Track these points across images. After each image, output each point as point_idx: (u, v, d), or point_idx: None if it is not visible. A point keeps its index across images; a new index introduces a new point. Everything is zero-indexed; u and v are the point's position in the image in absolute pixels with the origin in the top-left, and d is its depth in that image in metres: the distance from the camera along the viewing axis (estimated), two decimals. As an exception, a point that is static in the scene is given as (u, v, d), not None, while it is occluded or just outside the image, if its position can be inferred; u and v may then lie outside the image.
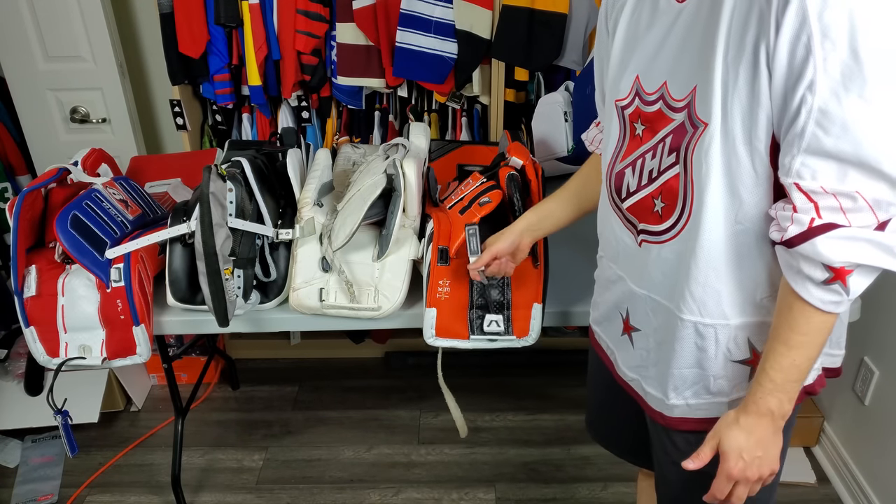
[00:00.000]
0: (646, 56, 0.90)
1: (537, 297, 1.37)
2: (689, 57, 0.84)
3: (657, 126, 0.89)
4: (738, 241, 0.86)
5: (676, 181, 0.87)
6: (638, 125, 0.93)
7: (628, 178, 0.95)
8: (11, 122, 2.26)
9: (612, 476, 2.06)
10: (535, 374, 2.47)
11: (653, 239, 0.94)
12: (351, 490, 2.03)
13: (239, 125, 2.26)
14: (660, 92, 0.88)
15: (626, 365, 1.09)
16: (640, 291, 1.00)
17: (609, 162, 0.99)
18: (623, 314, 1.06)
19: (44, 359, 1.44)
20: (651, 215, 0.93)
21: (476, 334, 1.38)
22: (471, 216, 1.34)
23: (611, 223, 1.03)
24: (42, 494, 2.01)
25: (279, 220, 1.47)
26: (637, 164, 0.93)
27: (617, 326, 1.09)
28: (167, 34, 2.03)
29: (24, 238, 1.39)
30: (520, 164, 1.42)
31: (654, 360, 1.02)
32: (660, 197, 0.91)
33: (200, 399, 2.39)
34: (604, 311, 1.14)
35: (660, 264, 0.94)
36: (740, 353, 0.93)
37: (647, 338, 1.02)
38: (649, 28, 0.90)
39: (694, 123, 0.83)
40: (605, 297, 1.12)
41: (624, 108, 0.95)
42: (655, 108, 0.89)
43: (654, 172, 0.91)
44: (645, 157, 0.92)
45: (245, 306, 1.40)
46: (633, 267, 1.01)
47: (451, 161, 1.85)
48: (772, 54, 0.74)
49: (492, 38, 1.99)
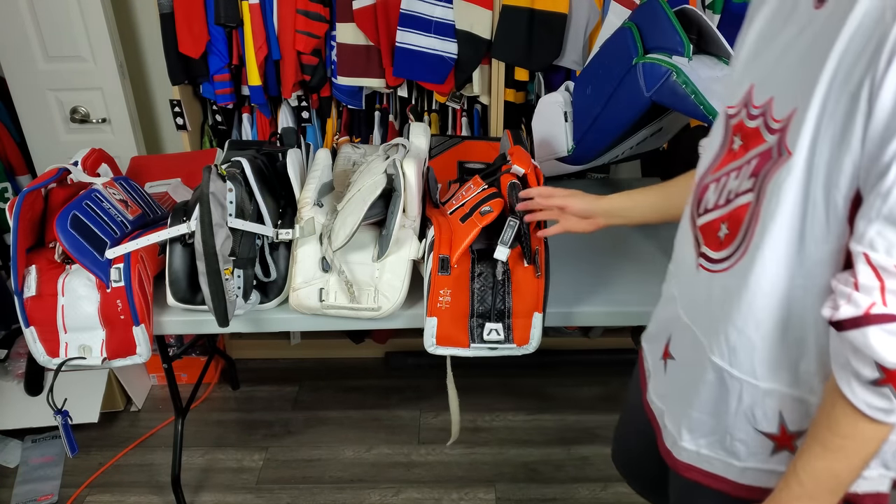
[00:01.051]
0: (765, 65, 0.81)
1: (538, 307, 1.37)
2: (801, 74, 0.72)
3: (750, 144, 0.80)
4: (790, 296, 0.75)
5: (745, 210, 0.78)
6: (737, 139, 0.83)
7: (710, 193, 0.87)
8: (11, 122, 2.26)
9: (612, 476, 2.06)
10: (535, 374, 2.47)
11: (707, 265, 0.86)
12: (351, 490, 2.03)
13: (239, 125, 2.26)
14: (764, 108, 0.78)
15: (656, 391, 1.02)
16: (684, 318, 0.92)
17: (703, 171, 0.91)
18: (666, 338, 0.99)
19: (44, 359, 1.44)
20: (714, 239, 0.85)
21: (476, 343, 1.38)
22: (472, 225, 1.34)
23: (684, 236, 0.94)
24: (42, 494, 2.01)
25: (279, 220, 1.47)
26: (721, 182, 0.85)
27: (659, 349, 1.01)
28: (167, 34, 2.03)
29: (24, 238, 1.39)
30: (521, 172, 1.42)
31: (678, 393, 0.94)
32: (727, 223, 0.82)
33: (200, 399, 2.39)
34: (654, 330, 1.06)
35: (707, 294, 0.86)
36: (766, 424, 0.82)
37: (680, 369, 0.95)
38: (778, 34, 0.79)
39: (780, 150, 0.73)
40: (659, 315, 1.05)
41: (730, 116, 0.86)
42: (755, 125, 0.80)
43: (732, 195, 0.82)
44: (730, 175, 0.83)
45: (245, 306, 1.40)
46: (685, 290, 0.94)
47: (451, 157, 1.85)
48: (876, 92, 0.63)
49: (492, 38, 1.99)
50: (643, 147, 1.85)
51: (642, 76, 1.48)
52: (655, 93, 1.47)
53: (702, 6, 1.90)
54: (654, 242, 1.75)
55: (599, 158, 1.80)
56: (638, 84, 1.49)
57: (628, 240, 1.74)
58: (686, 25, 1.51)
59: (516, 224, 1.29)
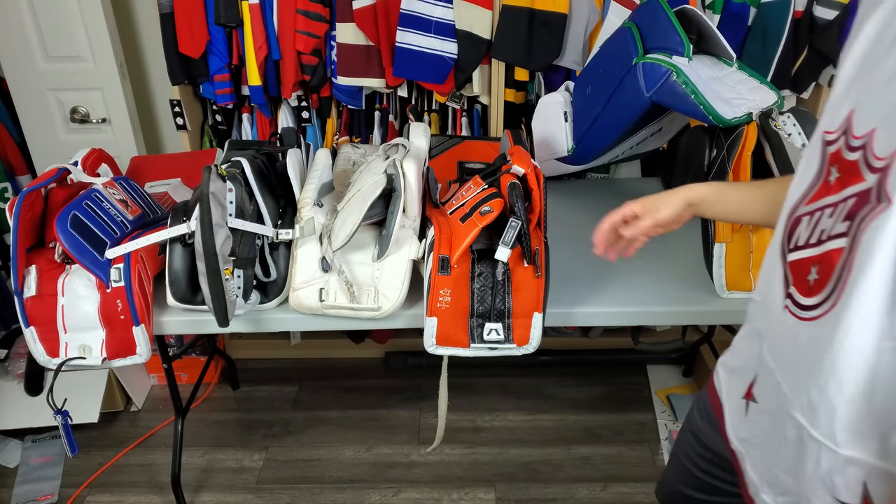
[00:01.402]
0: (869, 90, 0.70)
1: (538, 307, 1.37)
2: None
3: (848, 180, 0.70)
4: (879, 360, 0.66)
5: (837, 256, 0.69)
6: (834, 170, 0.73)
7: (802, 228, 0.77)
8: (11, 122, 2.26)
9: (612, 476, 2.06)
10: (535, 374, 2.47)
11: (795, 310, 0.77)
12: (351, 490, 2.03)
13: (239, 125, 2.26)
14: (865, 140, 0.69)
15: (735, 432, 0.94)
16: (769, 362, 0.83)
17: (796, 200, 0.80)
18: (751, 377, 0.90)
19: (44, 359, 1.44)
20: (803, 282, 0.76)
21: (476, 343, 1.38)
22: (472, 225, 1.34)
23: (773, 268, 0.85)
24: (42, 494, 2.01)
25: (279, 220, 1.47)
26: (815, 217, 0.75)
27: (741, 386, 0.92)
28: (167, 34, 2.03)
29: (24, 238, 1.39)
30: (521, 172, 1.42)
31: (760, 443, 0.87)
32: (817, 266, 0.73)
33: (200, 399, 2.39)
34: (736, 363, 0.97)
35: (793, 342, 0.77)
36: (848, 495, 0.73)
37: (762, 417, 0.86)
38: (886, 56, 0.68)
39: (879, 195, 0.64)
40: (742, 347, 0.95)
41: (828, 143, 0.76)
42: (854, 158, 0.70)
43: (824, 235, 0.72)
44: (824, 211, 0.73)
45: (245, 306, 1.40)
46: (770, 329, 0.85)
47: (451, 157, 1.85)
48: None
49: (492, 38, 1.99)
50: (643, 147, 1.85)
51: (642, 76, 1.48)
52: (655, 93, 1.47)
53: (702, 6, 1.90)
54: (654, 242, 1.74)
55: (599, 158, 1.80)
56: (638, 84, 1.49)
57: (628, 240, 1.74)
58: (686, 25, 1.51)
59: (518, 225, 1.29)
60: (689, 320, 1.70)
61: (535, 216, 1.39)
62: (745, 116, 1.47)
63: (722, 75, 1.56)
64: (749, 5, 1.90)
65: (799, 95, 2.07)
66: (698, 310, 1.52)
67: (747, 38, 1.95)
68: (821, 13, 1.91)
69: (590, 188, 2.12)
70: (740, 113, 1.47)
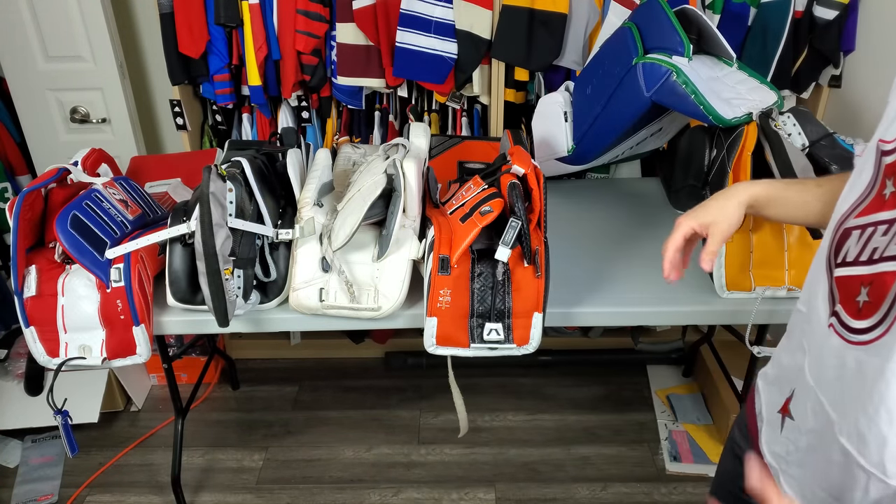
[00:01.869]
0: None
1: (538, 307, 1.37)
2: None
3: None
4: None
5: (893, 279, 0.66)
6: (890, 183, 0.70)
7: (851, 242, 0.73)
8: (11, 122, 2.26)
9: (612, 476, 2.06)
10: (535, 374, 2.47)
11: (841, 331, 0.74)
12: (351, 490, 2.03)
13: (239, 125, 2.26)
14: None
15: (769, 447, 0.91)
16: (809, 380, 0.80)
17: (844, 212, 0.77)
18: (788, 391, 0.86)
19: (44, 359, 1.44)
20: (852, 303, 0.72)
21: (476, 343, 1.38)
22: (472, 225, 1.34)
23: (819, 279, 0.81)
24: (42, 494, 2.01)
25: (279, 220, 1.47)
26: (866, 232, 0.71)
27: (778, 399, 0.89)
28: (167, 34, 2.03)
29: (24, 238, 1.39)
30: (521, 172, 1.42)
31: (800, 461, 0.83)
32: (868, 287, 0.69)
33: (200, 399, 2.39)
34: (774, 374, 0.94)
35: (839, 364, 0.74)
36: None
37: (799, 434, 0.83)
38: None
39: None
40: (782, 359, 0.92)
41: (885, 153, 0.71)
42: None
43: (878, 254, 0.68)
44: (878, 227, 0.70)
45: (245, 306, 1.40)
46: (813, 346, 0.81)
47: (451, 157, 1.85)
48: None
49: (492, 38, 1.99)
50: (643, 147, 1.85)
51: (642, 76, 1.48)
52: (655, 93, 1.47)
53: (702, 6, 1.90)
54: (654, 242, 1.75)
55: (599, 158, 1.80)
56: (638, 84, 1.49)
57: (628, 240, 1.74)
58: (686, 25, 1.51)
59: (518, 225, 1.29)
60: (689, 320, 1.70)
61: (535, 216, 1.39)
62: (745, 116, 1.47)
63: (722, 75, 1.56)
64: (749, 5, 1.90)
65: (799, 95, 2.07)
66: (698, 310, 1.52)
67: (747, 38, 1.95)
68: (821, 13, 1.91)
69: (590, 188, 2.12)
70: (740, 113, 1.47)
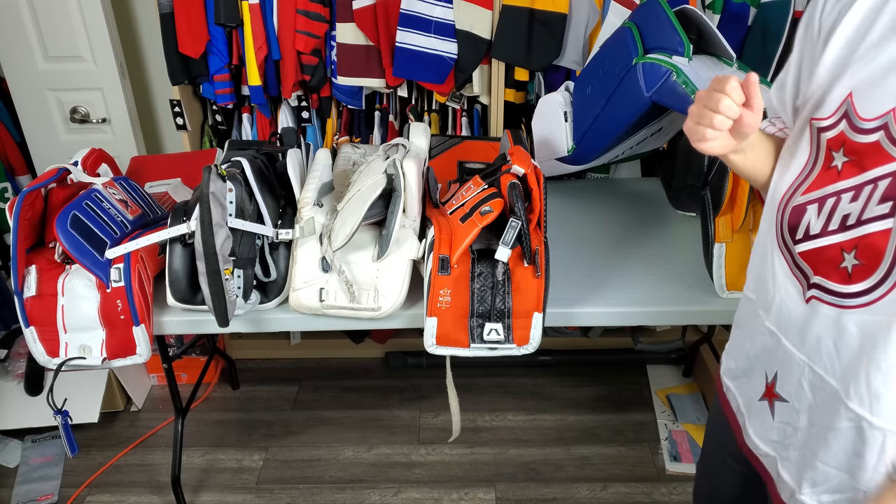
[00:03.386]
0: (871, 71, 0.72)
1: (538, 307, 1.37)
2: None
3: (868, 163, 0.72)
4: None
5: (885, 238, 0.70)
6: (838, 155, 0.75)
7: (810, 216, 0.78)
8: (11, 122, 2.26)
9: (612, 476, 2.06)
10: (535, 374, 2.47)
11: (831, 300, 0.77)
12: (351, 490, 2.03)
13: (239, 125, 2.26)
14: (883, 120, 0.70)
15: (761, 437, 0.93)
16: (798, 356, 0.83)
17: (785, 191, 0.81)
18: (768, 376, 0.89)
19: (44, 359, 1.44)
20: (835, 271, 0.76)
21: (476, 343, 1.38)
22: (472, 225, 1.34)
23: (772, 264, 0.85)
24: (42, 494, 2.01)
25: (279, 220, 1.47)
26: (827, 203, 0.76)
27: (756, 388, 0.92)
28: (167, 34, 2.03)
29: (24, 238, 1.39)
30: (521, 172, 1.42)
31: (799, 442, 0.86)
32: (854, 252, 0.74)
33: (200, 399, 2.39)
34: (742, 366, 0.97)
35: (834, 332, 0.77)
36: None
37: (796, 414, 0.85)
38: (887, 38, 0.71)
39: None
40: (745, 349, 0.95)
41: (822, 129, 0.77)
42: (871, 140, 0.71)
43: (852, 219, 0.74)
44: (841, 196, 0.75)
45: (245, 306, 1.40)
46: (792, 325, 0.84)
47: (451, 157, 1.85)
48: None
49: (492, 38, 1.99)
50: (643, 147, 1.85)
51: (642, 76, 1.48)
52: (655, 93, 1.47)
53: (702, 6, 1.90)
54: (654, 242, 1.75)
55: (599, 158, 1.80)
56: (638, 84, 1.49)
57: (628, 240, 1.75)
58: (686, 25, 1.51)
59: (518, 225, 1.29)
60: (689, 320, 1.70)
61: (535, 216, 1.39)
62: (745, 116, 1.47)
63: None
64: (749, 5, 1.90)
65: (799, 95, 2.07)
66: (698, 310, 1.52)
67: (747, 38, 1.95)
68: (821, 13, 1.91)
69: (590, 188, 2.12)
70: (740, 113, 1.47)
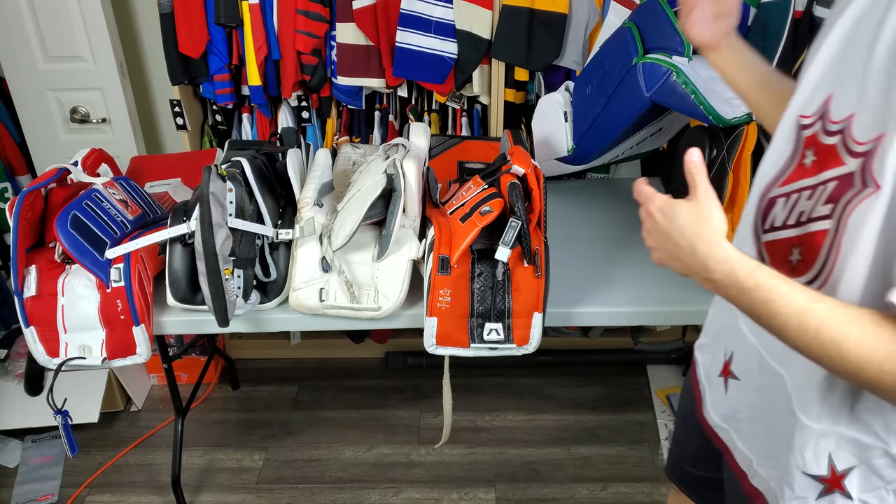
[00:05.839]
0: (847, 73, 0.72)
1: (538, 307, 1.37)
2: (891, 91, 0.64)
3: (825, 164, 0.72)
4: None
5: (823, 238, 0.71)
6: (809, 154, 0.76)
7: (777, 209, 0.80)
8: (11, 122, 2.26)
9: (612, 476, 2.06)
10: (535, 374, 2.47)
11: None
12: (351, 490, 2.03)
13: (239, 125, 2.26)
14: (843, 125, 0.70)
15: (716, 410, 0.96)
16: (750, 339, 0.86)
17: (767, 183, 0.83)
18: (727, 354, 0.92)
19: (44, 359, 1.44)
20: (783, 263, 0.78)
21: (476, 343, 1.38)
22: (472, 225, 1.34)
23: (745, 247, 0.87)
24: (42, 494, 2.01)
25: (279, 220, 1.47)
26: (791, 199, 0.78)
27: (717, 364, 0.95)
28: (167, 34, 2.03)
29: (24, 238, 1.39)
30: (521, 172, 1.42)
31: (750, 418, 0.89)
32: (800, 247, 0.76)
33: (200, 399, 2.39)
34: (708, 342, 1.01)
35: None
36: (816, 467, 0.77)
37: (747, 392, 0.89)
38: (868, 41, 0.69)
39: (865, 180, 0.66)
40: (713, 327, 0.99)
41: (804, 127, 0.78)
42: (831, 142, 0.72)
43: (804, 217, 0.75)
44: (802, 194, 0.76)
45: (245, 306, 1.40)
46: None
47: (451, 157, 1.85)
48: None
49: (492, 38, 1.99)
50: (643, 147, 1.85)
51: (642, 76, 1.48)
52: (655, 93, 1.47)
53: (702, 6, 1.90)
54: (654, 242, 1.74)
55: (599, 158, 1.80)
56: (638, 84, 1.49)
57: (628, 240, 1.74)
58: (686, 25, 1.51)
59: (518, 225, 1.29)
60: (689, 320, 1.70)
61: (535, 216, 1.39)
62: (745, 116, 1.47)
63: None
64: (749, 5, 1.90)
65: (799, 95, 2.07)
66: (698, 310, 1.52)
67: (747, 38, 1.94)
68: (821, 13, 1.91)
69: (590, 188, 2.12)
70: (740, 113, 1.47)
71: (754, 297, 0.70)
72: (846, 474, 0.77)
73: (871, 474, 0.75)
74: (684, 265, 0.76)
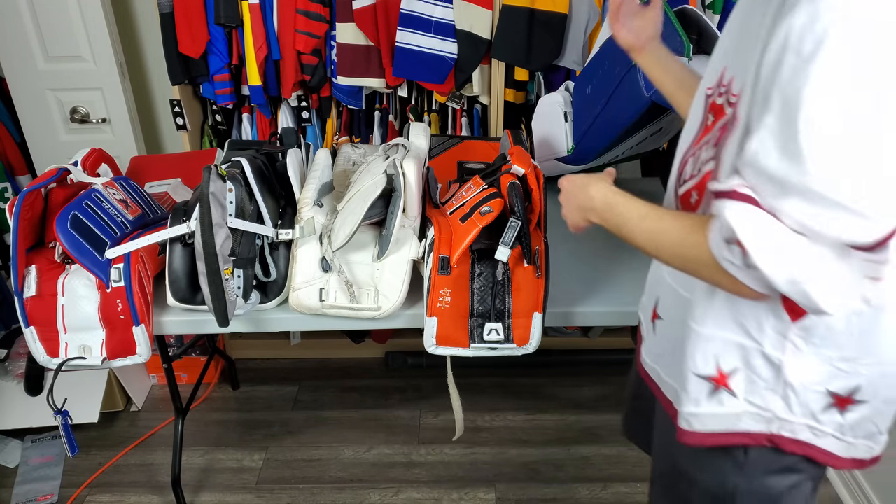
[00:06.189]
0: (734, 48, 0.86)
1: (538, 307, 1.37)
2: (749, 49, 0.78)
3: (716, 119, 0.87)
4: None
5: (709, 176, 0.86)
6: (711, 116, 0.90)
7: (688, 166, 0.94)
8: (11, 122, 2.26)
9: (612, 476, 2.06)
10: (535, 374, 2.47)
11: None
12: (351, 490, 2.03)
13: (239, 125, 2.26)
14: (728, 86, 0.85)
15: (648, 353, 1.09)
16: (668, 280, 0.99)
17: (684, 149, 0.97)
18: (655, 301, 1.06)
19: (44, 359, 1.44)
20: (690, 207, 0.92)
21: (476, 343, 1.38)
22: (472, 225, 1.34)
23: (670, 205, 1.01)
24: (42, 494, 2.01)
25: (279, 220, 1.47)
26: (696, 155, 0.92)
27: (648, 311, 1.08)
28: (167, 34, 2.03)
29: (24, 238, 1.39)
30: (521, 172, 1.42)
31: (669, 349, 1.01)
32: (697, 191, 0.90)
33: (200, 399, 2.39)
34: (644, 298, 1.13)
35: None
36: (704, 368, 0.91)
37: (668, 327, 1.01)
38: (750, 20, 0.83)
39: (734, 120, 0.80)
40: (648, 281, 1.12)
41: (708, 97, 0.92)
42: (721, 101, 0.87)
43: (701, 164, 0.90)
44: (703, 148, 0.90)
45: (245, 306, 1.40)
46: None
47: (451, 157, 1.85)
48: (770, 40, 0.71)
49: (492, 38, 1.99)
50: (643, 147, 1.85)
51: (642, 76, 1.48)
52: (655, 93, 1.47)
53: (702, 6, 1.90)
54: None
55: (599, 158, 1.80)
56: (638, 84, 1.49)
57: (628, 240, 1.74)
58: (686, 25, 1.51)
59: (517, 225, 1.29)
60: (689, 320, 1.70)
61: (535, 216, 1.39)
62: (744, 116, 1.47)
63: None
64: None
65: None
66: (698, 310, 1.52)
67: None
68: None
69: (590, 188, 2.11)
70: (740, 113, 1.47)
71: (618, 212, 0.91)
72: (731, 374, 0.89)
73: (754, 376, 0.88)
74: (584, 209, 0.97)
